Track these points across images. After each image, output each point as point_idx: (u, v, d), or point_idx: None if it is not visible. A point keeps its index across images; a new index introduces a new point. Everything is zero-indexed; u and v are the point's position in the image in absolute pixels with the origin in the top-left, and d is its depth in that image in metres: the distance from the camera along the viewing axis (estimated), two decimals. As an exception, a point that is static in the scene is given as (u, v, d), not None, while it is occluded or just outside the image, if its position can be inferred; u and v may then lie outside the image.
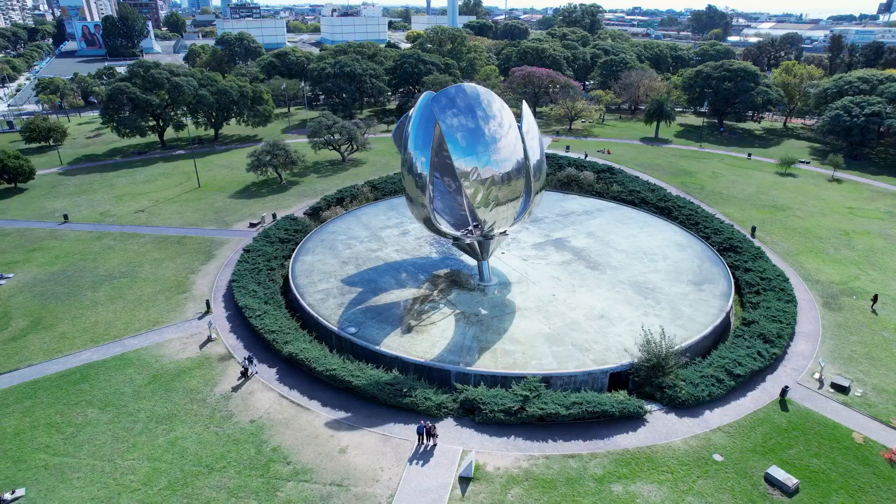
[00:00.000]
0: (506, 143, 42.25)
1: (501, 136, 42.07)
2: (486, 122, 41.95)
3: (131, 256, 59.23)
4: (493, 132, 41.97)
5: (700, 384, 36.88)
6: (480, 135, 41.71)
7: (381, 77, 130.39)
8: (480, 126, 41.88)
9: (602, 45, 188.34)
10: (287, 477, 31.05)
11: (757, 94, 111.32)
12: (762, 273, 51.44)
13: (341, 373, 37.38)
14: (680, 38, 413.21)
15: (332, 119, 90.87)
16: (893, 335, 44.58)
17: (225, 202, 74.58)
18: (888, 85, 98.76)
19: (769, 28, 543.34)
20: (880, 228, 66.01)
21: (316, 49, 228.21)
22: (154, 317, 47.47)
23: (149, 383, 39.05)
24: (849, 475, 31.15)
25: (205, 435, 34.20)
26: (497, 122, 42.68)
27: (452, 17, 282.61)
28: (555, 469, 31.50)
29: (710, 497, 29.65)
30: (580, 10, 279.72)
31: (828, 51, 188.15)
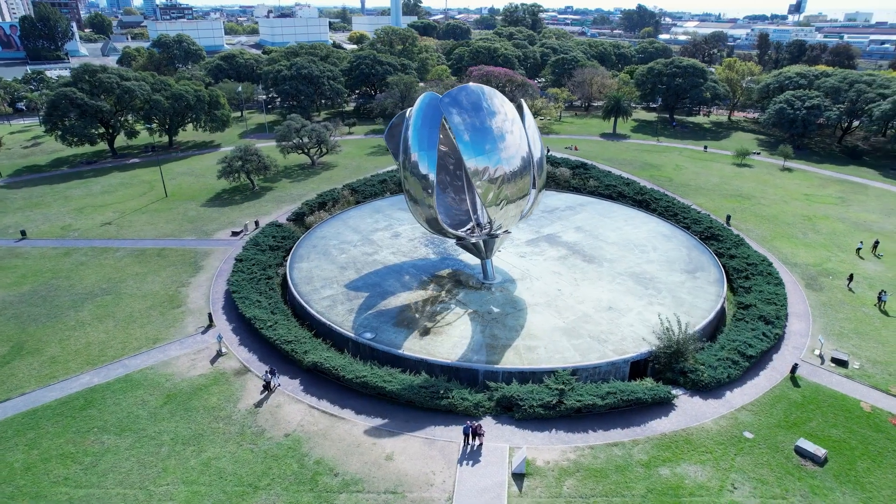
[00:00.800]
0: (513, 140, 42.64)
1: (509, 134, 42.51)
2: (496, 121, 42.31)
3: (109, 272, 55.93)
4: (501, 131, 42.37)
5: (718, 367, 38.68)
6: (491, 134, 42.01)
7: (339, 79, 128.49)
8: (490, 125, 42.20)
9: (550, 43, 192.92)
10: (338, 489, 30.35)
11: (706, 89, 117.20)
12: (747, 259, 54.35)
13: (373, 379, 36.82)
14: (614, 36, 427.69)
15: (301, 122, 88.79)
16: (872, 310, 48.20)
17: (199, 211, 71.56)
18: (823, 80, 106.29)
19: (694, 27, 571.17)
20: (837, 213, 71.05)
21: (257, 51, 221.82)
22: (152, 334, 45.08)
23: (164, 404, 37.12)
24: (867, 442, 33.54)
25: (239, 453, 32.89)
26: (504, 120, 43.08)
27: (396, 18, 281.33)
28: (602, 458, 32.28)
29: (752, 472, 31.22)
30: (522, 10, 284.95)
31: (756, 48, 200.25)
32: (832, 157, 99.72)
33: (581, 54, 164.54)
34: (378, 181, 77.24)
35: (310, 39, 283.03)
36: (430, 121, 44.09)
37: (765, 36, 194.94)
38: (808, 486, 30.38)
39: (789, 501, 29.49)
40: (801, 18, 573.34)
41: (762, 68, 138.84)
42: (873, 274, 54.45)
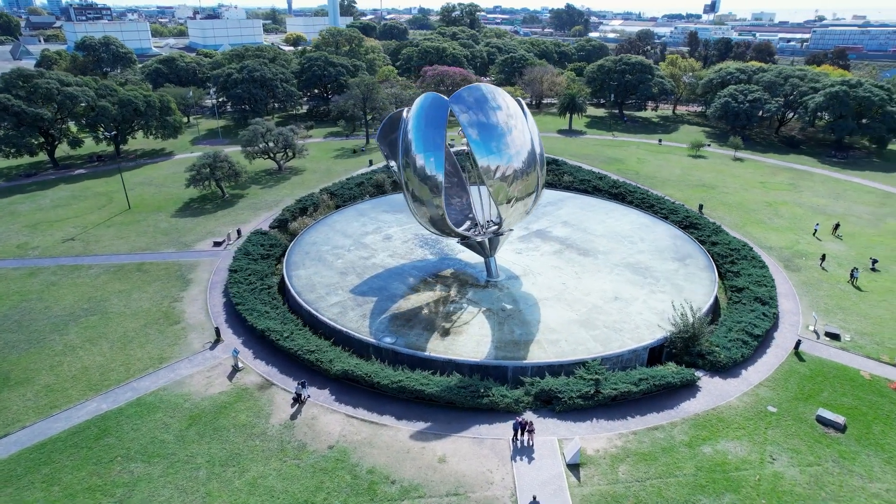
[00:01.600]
0: (520, 137, 43.20)
1: (516, 130, 43.05)
2: (504, 118, 42.84)
3: (87, 290, 52.36)
4: (510, 128, 42.92)
5: (731, 347, 40.87)
6: (501, 132, 42.52)
7: (291, 81, 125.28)
8: (500, 123, 42.72)
9: (494, 42, 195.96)
10: (398, 497, 29.95)
11: (654, 84, 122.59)
12: (729, 245, 57.50)
13: (410, 383, 36.48)
14: (545, 35, 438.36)
15: (266, 126, 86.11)
16: (847, 287, 52.23)
17: (171, 222, 68.06)
18: (761, 75, 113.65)
19: (619, 25, 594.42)
20: (792, 198, 76.32)
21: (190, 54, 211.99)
22: (155, 353, 42.64)
23: (189, 425, 35.27)
24: (875, 407, 36.46)
25: (285, 469, 31.79)
26: (510, 117, 43.62)
27: (334, 18, 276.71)
28: (647, 442, 33.45)
29: (785, 443, 33.27)
30: (459, 10, 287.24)
31: (687, 45, 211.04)
32: (773, 146, 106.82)
33: (526, 53, 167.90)
34: (355, 184, 76.11)
35: (243, 42, 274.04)
36: (435, 121, 43.99)
37: (694, 34, 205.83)
38: (837, 452, 32.72)
39: (824, 467, 31.65)
40: (715, 17, 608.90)
41: (702, 65, 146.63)
42: (838, 253, 58.92)
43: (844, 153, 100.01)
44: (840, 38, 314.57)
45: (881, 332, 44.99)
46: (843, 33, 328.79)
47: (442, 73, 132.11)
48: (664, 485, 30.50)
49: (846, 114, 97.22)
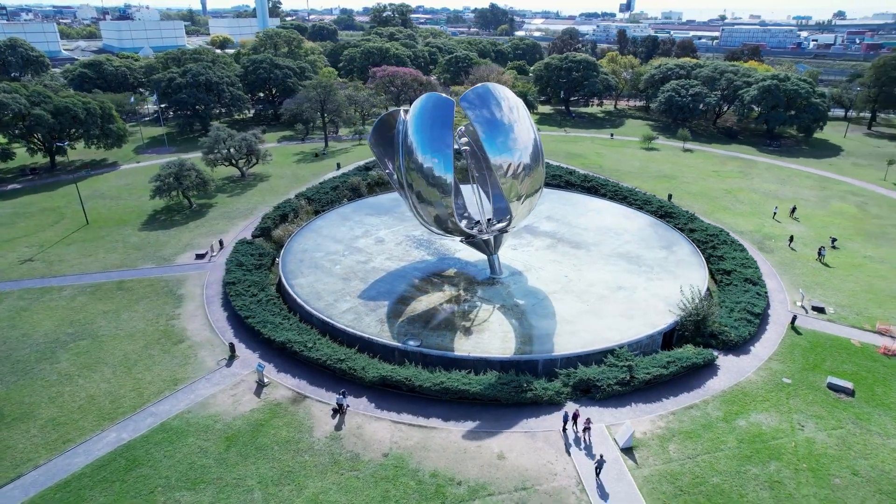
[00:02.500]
0: (527, 135, 44.01)
1: (524, 129, 43.90)
2: (512, 116, 43.63)
3: (66, 314, 48.55)
4: (518, 126, 43.75)
5: (738, 326, 43.58)
6: (510, 130, 43.34)
7: (237, 85, 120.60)
8: (510, 121, 43.49)
9: (434, 42, 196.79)
10: (468, 497, 30.01)
11: (599, 81, 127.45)
12: (706, 231, 61.03)
13: (454, 383, 36.49)
14: (472, 34, 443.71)
15: (227, 132, 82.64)
16: (817, 265, 56.84)
17: (141, 236, 64.07)
18: (698, 70, 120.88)
19: (540, 23, 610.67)
20: (746, 185, 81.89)
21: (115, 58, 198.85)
22: (167, 375, 40.23)
23: (228, 447, 33.65)
24: (873, 371, 40.09)
25: (345, 482, 31.05)
26: (516, 116, 44.43)
27: (263, 20, 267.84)
28: (686, 421, 35.20)
29: (807, 411, 36.00)
30: (391, 10, 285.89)
31: (617, 43, 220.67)
32: (714, 137, 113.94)
33: (469, 52, 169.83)
34: (330, 188, 74.54)
35: (164, 45, 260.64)
36: (441, 122, 44.05)
37: (622, 32, 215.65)
38: (853, 415, 35.76)
39: (846, 429, 34.53)
40: (630, 16, 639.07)
41: (640, 61, 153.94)
42: (800, 234, 63.88)
43: (777, 142, 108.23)
44: (745, 36, 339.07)
45: (857, 303, 49.36)
46: (747, 31, 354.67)
47: (392, 73, 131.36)
48: (714, 459, 32.26)
49: (777, 105, 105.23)
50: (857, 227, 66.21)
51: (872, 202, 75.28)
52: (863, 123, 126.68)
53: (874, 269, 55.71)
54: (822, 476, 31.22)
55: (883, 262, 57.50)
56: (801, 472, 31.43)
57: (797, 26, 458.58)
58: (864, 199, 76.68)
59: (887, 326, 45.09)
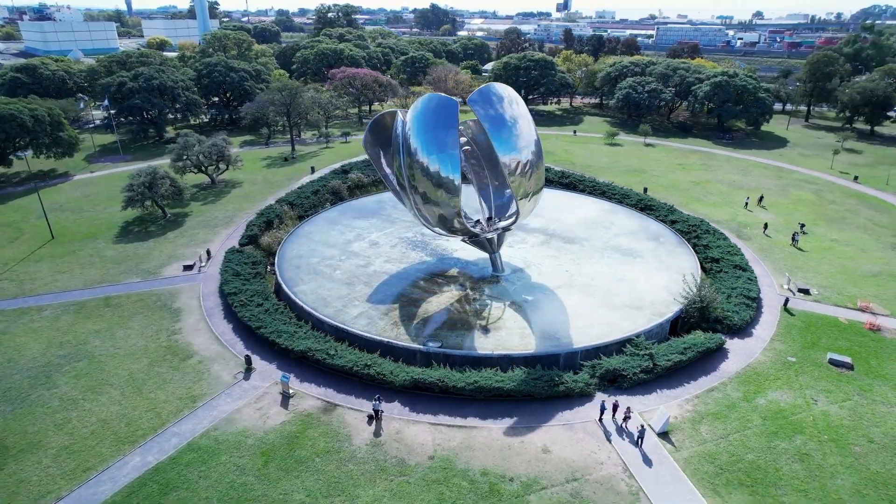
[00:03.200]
0: (529, 132, 44.84)
1: (527, 126, 44.74)
2: (516, 115, 44.42)
3: (53, 335, 45.60)
4: (522, 124, 44.63)
5: (739, 311, 45.86)
6: (518, 128, 44.14)
7: (192, 89, 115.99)
8: (516, 119, 44.26)
9: (386, 43, 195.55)
10: (523, 492, 30.36)
11: (557, 79, 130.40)
12: (687, 222, 63.76)
13: (488, 382, 36.73)
14: (415, 34, 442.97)
15: (197, 137, 79.51)
16: (793, 249, 60.44)
17: (117, 250, 60.79)
18: (652, 68, 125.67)
19: (480, 23, 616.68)
20: (711, 177, 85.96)
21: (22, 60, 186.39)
22: (181, 393, 38.50)
23: (266, 462, 32.63)
24: (864, 346, 43.14)
25: (397, 489, 30.75)
26: (519, 114, 45.21)
27: (204, 21, 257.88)
28: (711, 403, 36.84)
29: (817, 385, 38.40)
30: (335, 11, 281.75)
31: (563, 42, 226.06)
32: (669, 132, 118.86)
33: (424, 52, 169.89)
34: (311, 192, 73.09)
35: (95, 47, 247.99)
36: (445, 122, 44.21)
37: (569, 31, 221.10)
38: (857, 387, 38.41)
39: (854, 401, 37.08)
40: (566, 15, 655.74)
41: (594, 60, 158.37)
42: (770, 222, 67.68)
43: (729, 135, 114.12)
44: (678, 35, 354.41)
45: (835, 283, 52.92)
46: (680, 30, 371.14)
47: (351, 74, 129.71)
48: (744, 437, 33.93)
49: (729, 100, 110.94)
50: (817, 213, 70.82)
51: (826, 189, 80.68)
52: (800, 116, 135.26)
53: (842, 252, 59.81)
54: (843, 445, 33.43)
55: (848, 244, 61.81)
56: (824, 443, 33.54)
57: (723, 25, 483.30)
58: (817, 186, 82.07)
59: (867, 304, 48.57)
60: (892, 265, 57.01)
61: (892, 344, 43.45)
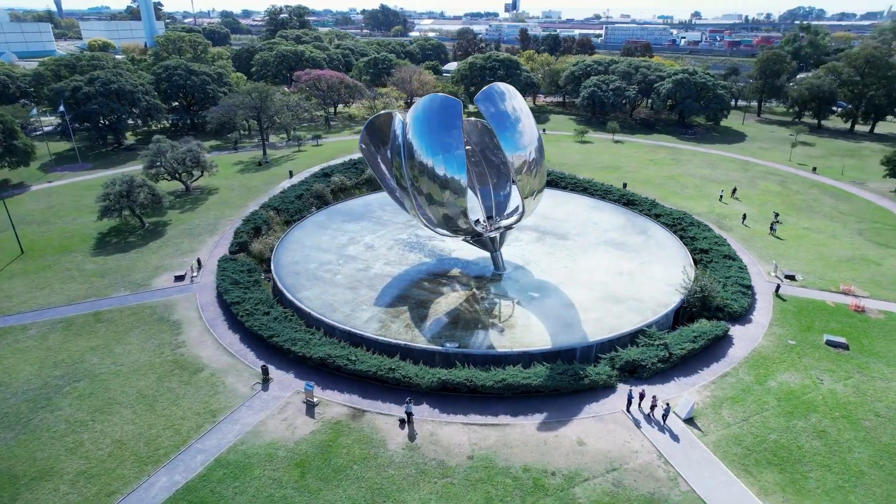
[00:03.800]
0: (532, 131, 45.36)
1: (531, 125, 45.31)
2: (521, 114, 44.99)
3: (44, 354, 43.16)
4: (527, 123, 45.22)
5: (737, 299, 47.84)
6: (523, 127, 44.74)
7: (152, 93, 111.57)
8: (521, 118, 44.87)
9: (345, 44, 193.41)
10: (567, 485, 30.84)
11: (523, 79, 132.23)
12: (671, 215, 65.95)
13: (515, 379, 37.06)
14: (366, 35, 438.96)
15: (169, 143, 76.65)
16: (772, 238, 63.43)
17: (98, 262, 57.96)
18: (615, 66, 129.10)
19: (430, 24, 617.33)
20: (683, 171, 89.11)
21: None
22: (198, 408, 37.15)
23: (303, 473, 31.93)
24: (853, 326, 45.80)
25: (442, 491, 30.67)
26: (523, 112, 45.79)
27: (150, 24, 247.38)
28: (727, 388, 38.35)
29: (820, 366, 40.55)
30: (287, 12, 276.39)
31: (519, 42, 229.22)
32: (634, 128, 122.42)
33: (387, 53, 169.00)
34: (295, 197, 71.72)
35: (31, 50, 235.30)
36: (450, 121, 44.34)
37: (524, 31, 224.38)
38: (855, 365, 40.78)
39: (856, 379, 39.36)
40: (514, 15, 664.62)
41: (555, 59, 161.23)
42: (746, 212, 70.74)
43: (691, 130, 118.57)
44: (626, 34, 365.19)
45: (815, 269, 55.91)
46: (627, 30, 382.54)
47: (317, 76, 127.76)
48: (763, 419, 35.51)
49: (690, 96, 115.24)
50: (786, 203, 74.56)
51: (789, 181, 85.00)
52: (752, 112, 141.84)
53: (816, 239, 63.24)
54: (854, 421, 35.45)
55: (820, 232, 65.38)
56: (837, 420, 35.48)
57: (665, 25, 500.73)
58: (781, 178, 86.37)
59: (849, 287, 51.57)
60: (861, 250, 60.66)
61: (877, 324, 46.30)
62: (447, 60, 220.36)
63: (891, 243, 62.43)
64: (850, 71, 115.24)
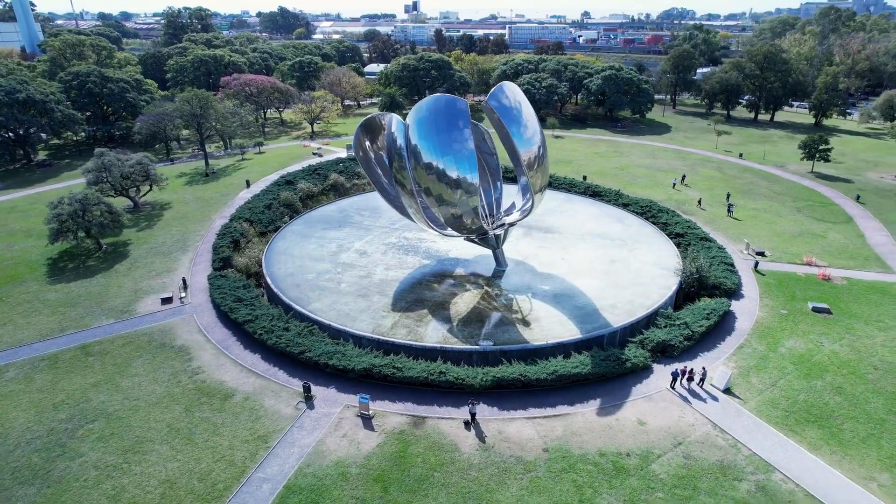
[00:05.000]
0: (535, 127, 46.78)
1: (533, 122, 46.66)
2: (527, 111, 46.31)
3: (38, 397, 38.55)
4: (533, 120, 46.66)
5: (727, 277, 51.79)
6: (530, 124, 46.12)
7: (65, 102, 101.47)
8: (527, 114, 46.13)
9: (262, 48, 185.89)
10: (643, 464, 32.23)
11: (457, 79, 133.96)
12: (638, 203, 69.96)
13: (566, 369, 38.04)
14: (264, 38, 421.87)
15: (115, 156, 70.35)
16: (731, 220, 69.01)
17: (59, 291, 52.26)
18: (544, 64, 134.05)
19: (329, 26, 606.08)
20: (630, 162, 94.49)
21: None
22: (244, 435, 34.86)
23: (385, 488, 30.95)
24: (827, 292, 51.17)
25: (532, 486, 30.98)
26: (527, 109, 47.14)
27: (28, 27, 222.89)
28: (746, 357, 41.64)
29: (815, 330, 45.00)
30: (188, 15, 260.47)
31: (435, 42, 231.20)
32: (568, 124, 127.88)
33: (313, 56, 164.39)
34: (264, 207, 68.47)
35: None
36: (457, 121, 44.79)
37: (440, 31, 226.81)
38: (843, 327, 45.69)
39: (847, 339, 44.08)
40: (414, 16, 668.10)
41: (483, 59, 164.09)
42: (696, 197, 76.44)
43: (620, 123, 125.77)
44: (529, 33, 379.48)
45: (776, 245, 61.68)
46: (530, 29, 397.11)
47: (248, 81, 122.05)
48: (788, 382, 38.98)
49: (618, 91, 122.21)
50: (729, 187, 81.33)
51: (724, 167, 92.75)
52: (667, 105, 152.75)
53: (766, 218, 69.69)
54: (860, 376, 39.79)
55: (766, 211, 72.11)
56: (846, 376, 39.66)
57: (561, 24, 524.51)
58: (716, 164, 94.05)
59: (811, 258, 57.47)
60: (806, 225, 67.67)
61: (844, 289, 52.05)
62: (364, 62, 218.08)
63: (826, 218, 70.12)
64: (751, 66, 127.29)
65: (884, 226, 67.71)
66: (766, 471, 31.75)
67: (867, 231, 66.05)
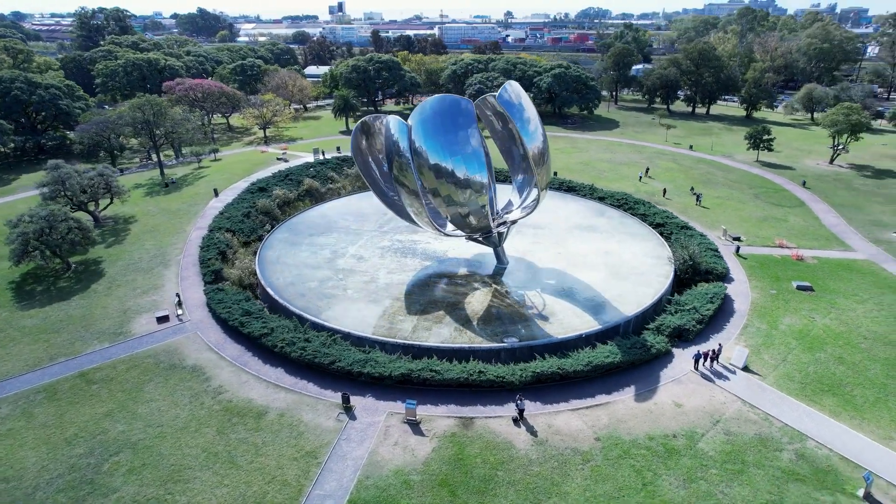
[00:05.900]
0: (537, 122, 47.86)
1: (536, 120, 47.75)
2: (530, 109, 47.41)
3: (46, 433, 35.44)
4: (536, 117, 47.73)
5: (717, 262, 54.73)
6: (535, 121, 47.19)
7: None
8: (533, 113, 47.29)
9: (196, 51, 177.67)
10: (692, 444, 33.69)
11: (408, 79, 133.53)
12: (613, 196, 72.68)
13: (599, 359, 39.10)
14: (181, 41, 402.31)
15: (73, 168, 65.24)
16: (701, 208, 72.88)
17: (34, 317, 48.04)
18: (494, 63, 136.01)
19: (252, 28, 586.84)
20: (592, 157, 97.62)
21: None
22: (291, 452, 33.51)
23: (453, 492, 30.70)
24: (805, 271, 55.23)
25: (595, 475, 31.71)
26: (530, 107, 48.18)
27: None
28: (753, 335, 44.33)
29: (804, 307, 48.51)
30: (104, 16, 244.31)
31: (372, 43, 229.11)
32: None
33: (254, 59, 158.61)
34: (242, 216, 65.93)
35: None
36: (464, 121, 45.24)
37: (376, 32, 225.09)
38: (827, 303, 49.49)
39: (833, 313, 47.80)
40: (340, 17, 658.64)
41: (431, 59, 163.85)
42: (661, 188, 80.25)
43: (570, 120, 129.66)
44: (459, 33, 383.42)
45: (747, 230, 65.82)
46: (460, 29, 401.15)
47: (194, 86, 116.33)
48: (796, 356, 41.86)
49: (567, 89, 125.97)
50: (689, 178, 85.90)
51: (679, 159, 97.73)
52: (610, 101, 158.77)
53: (732, 206, 74.18)
54: (854, 345, 43.33)
55: (729, 199, 76.75)
56: (843, 347, 43.08)
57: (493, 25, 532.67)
58: (671, 156, 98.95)
59: (782, 241, 61.78)
60: (767, 210, 72.62)
61: (817, 268, 56.39)
62: (300, 64, 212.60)
63: (782, 203, 75.53)
64: (687, 62, 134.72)
65: (832, 208, 73.75)
66: (801, 440, 34.03)
67: (820, 213, 71.72)
